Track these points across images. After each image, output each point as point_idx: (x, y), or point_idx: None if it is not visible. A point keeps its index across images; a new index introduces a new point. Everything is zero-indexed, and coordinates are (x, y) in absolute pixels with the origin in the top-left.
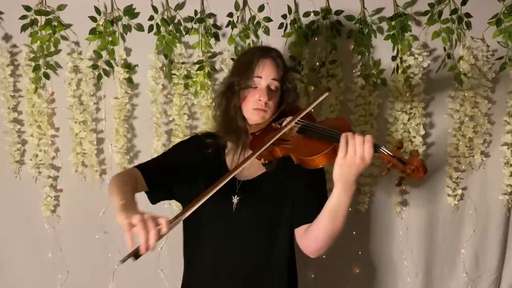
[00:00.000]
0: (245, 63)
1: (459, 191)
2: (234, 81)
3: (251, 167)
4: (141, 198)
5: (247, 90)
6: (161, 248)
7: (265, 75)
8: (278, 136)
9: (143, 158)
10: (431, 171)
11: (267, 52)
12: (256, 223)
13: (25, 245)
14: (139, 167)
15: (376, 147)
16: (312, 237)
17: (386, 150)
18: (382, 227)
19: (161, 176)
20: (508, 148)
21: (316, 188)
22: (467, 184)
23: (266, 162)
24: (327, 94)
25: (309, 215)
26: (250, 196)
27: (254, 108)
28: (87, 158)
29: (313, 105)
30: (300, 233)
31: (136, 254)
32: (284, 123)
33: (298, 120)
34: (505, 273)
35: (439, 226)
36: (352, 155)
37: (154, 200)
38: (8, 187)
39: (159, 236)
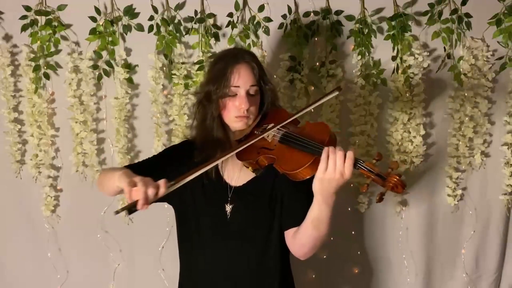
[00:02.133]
0: (220, 71)
1: (459, 191)
2: (210, 90)
3: (241, 173)
4: None
5: (227, 99)
6: (162, 248)
7: (242, 83)
8: (255, 140)
9: (143, 158)
10: (431, 171)
11: (240, 57)
12: (250, 228)
13: (25, 245)
14: (129, 166)
15: (355, 163)
16: (299, 243)
17: (365, 166)
18: (382, 227)
19: (152, 176)
20: (508, 148)
21: (304, 190)
22: (467, 184)
23: (254, 169)
24: (336, 93)
25: (297, 218)
26: (243, 203)
27: (236, 116)
28: (88, 158)
29: (313, 106)
30: (289, 236)
31: (131, 209)
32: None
33: (281, 128)
34: (505, 273)
35: (439, 226)
36: (332, 170)
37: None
38: (8, 187)
39: (156, 195)
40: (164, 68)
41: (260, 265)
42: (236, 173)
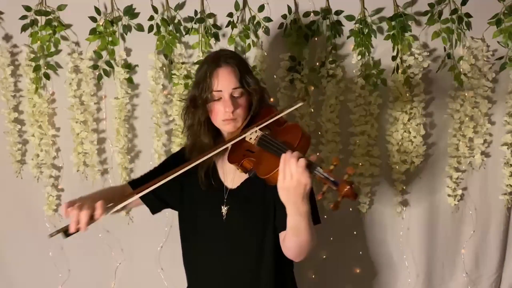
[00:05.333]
0: (201, 76)
1: (459, 191)
2: (195, 95)
3: (236, 175)
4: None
5: (212, 103)
6: (161, 247)
7: (223, 87)
8: (230, 144)
9: (143, 158)
10: (432, 171)
11: (221, 61)
12: (245, 230)
13: (27, 244)
14: (130, 183)
15: (311, 168)
16: (286, 246)
17: (322, 172)
18: (382, 227)
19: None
20: (508, 148)
21: None
22: (467, 184)
23: (243, 172)
24: (300, 104)
25: (286, 222)
26: (238, 204)
27: (223, 119)
28: (88, 158)
29: (280, 115)
30: (281, 238)
31: (65, 232)
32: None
33: (262, 129)
34: (505, 273)
35: (439, 226)
36: (289, 178)
37: (153, 210)
38: (9, 187)
39: (91, 218)
40: (164, 68)
41: (255, 267)
42: (231, 175)
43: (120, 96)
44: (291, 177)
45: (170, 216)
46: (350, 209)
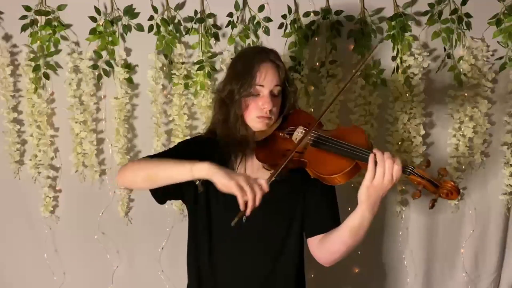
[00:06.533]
0: (244, 69)
1: None
2: (234, 89)
3: (259, 174)
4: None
5: (249, 98)
6: (162, 249)
7: (267, 82)
8: (295, 149)
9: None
10: (431, 171)
11: (266, 56)
12: (266, 232)
13: (24, 245)
14: (151, 157)
15: (405, 169)
16: (329, 250)
17: (416, 172)
18: (382, 227)
19: None
20: (508, 148)
21: (329, 196)
22: (467, 184)
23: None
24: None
25: (324, 225)
26: (260, 206)
27: (258, 116)
28: (87, 158)
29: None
30: (314, 243)
31: (242, 216)
32: (295, 135)
33: (312, 131)
34: (504, 273)
35: (439, 226)
36: (380, 178)
37: (162, 199)
38: (7, 187)
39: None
40: (164, 68)
41: (274, 271)
42: (254, 174)
43: (120, 96)
44: (382, 176)
45: (171, 217)
46: (349, 208)
